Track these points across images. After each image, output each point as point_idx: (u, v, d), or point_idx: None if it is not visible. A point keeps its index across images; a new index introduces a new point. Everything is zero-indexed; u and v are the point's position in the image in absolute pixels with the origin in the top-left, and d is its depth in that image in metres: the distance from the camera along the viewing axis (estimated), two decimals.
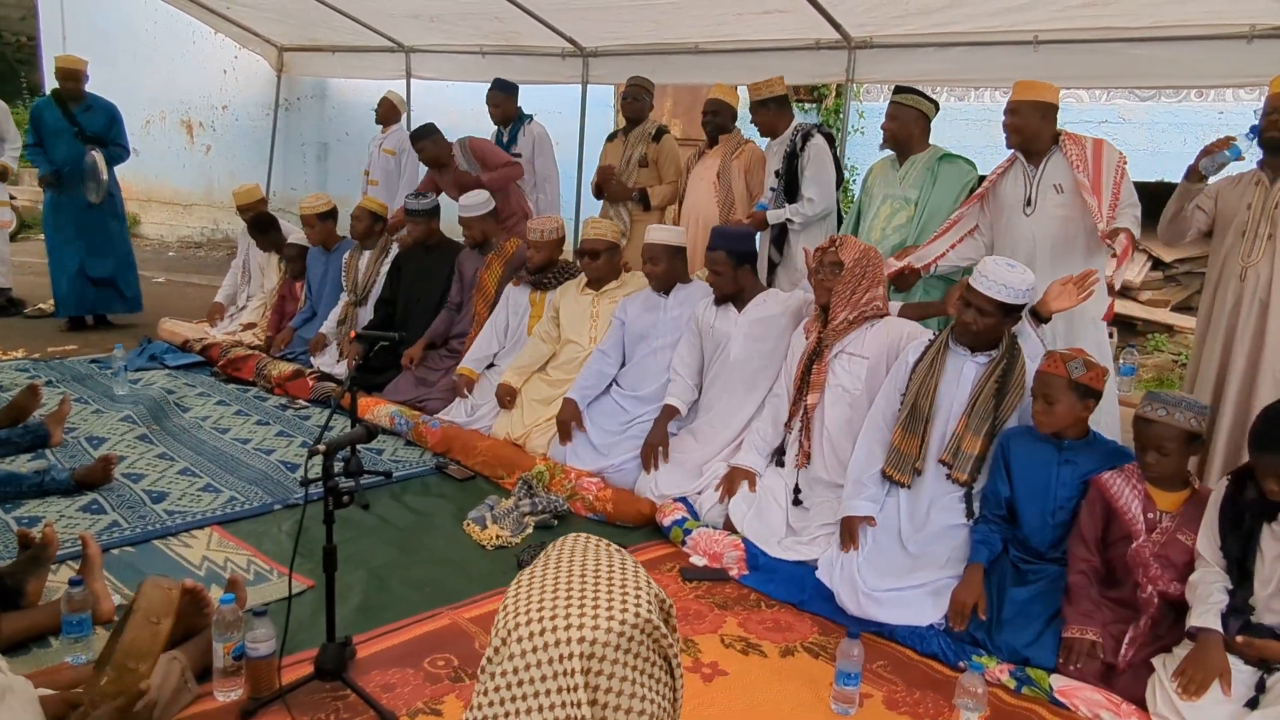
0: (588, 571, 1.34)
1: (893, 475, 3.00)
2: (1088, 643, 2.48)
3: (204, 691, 2.25)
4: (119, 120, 6.22)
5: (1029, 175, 3.50)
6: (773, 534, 3.25)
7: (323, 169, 10.01)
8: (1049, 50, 4.54)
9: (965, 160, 3.99)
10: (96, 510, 3.34)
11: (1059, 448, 2.74)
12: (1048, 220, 3.45)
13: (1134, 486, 2.59)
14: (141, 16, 10.38)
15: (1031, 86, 3.46)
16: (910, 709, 2.40)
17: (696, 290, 3.94)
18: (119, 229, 6.39)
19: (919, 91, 4.07)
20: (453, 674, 2.44)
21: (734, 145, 4.86)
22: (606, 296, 4.21)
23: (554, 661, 1.24)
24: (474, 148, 5.48)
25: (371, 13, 6.87)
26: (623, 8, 5.52)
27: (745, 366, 3.63)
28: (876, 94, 8.41)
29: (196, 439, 4.20)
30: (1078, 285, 2.98)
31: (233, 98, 10.41)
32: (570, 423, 3.89)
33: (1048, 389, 2.69)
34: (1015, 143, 3.49)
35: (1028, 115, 3.42)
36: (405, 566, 3.08)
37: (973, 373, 2.94)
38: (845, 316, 3.27)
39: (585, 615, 1.26)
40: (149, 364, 5.42)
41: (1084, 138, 3.45)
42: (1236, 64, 4.06)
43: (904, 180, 4.01)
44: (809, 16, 4.96)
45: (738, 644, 2.67)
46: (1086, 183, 3.30)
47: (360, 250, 5.39)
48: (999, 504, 2.82)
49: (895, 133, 3.99)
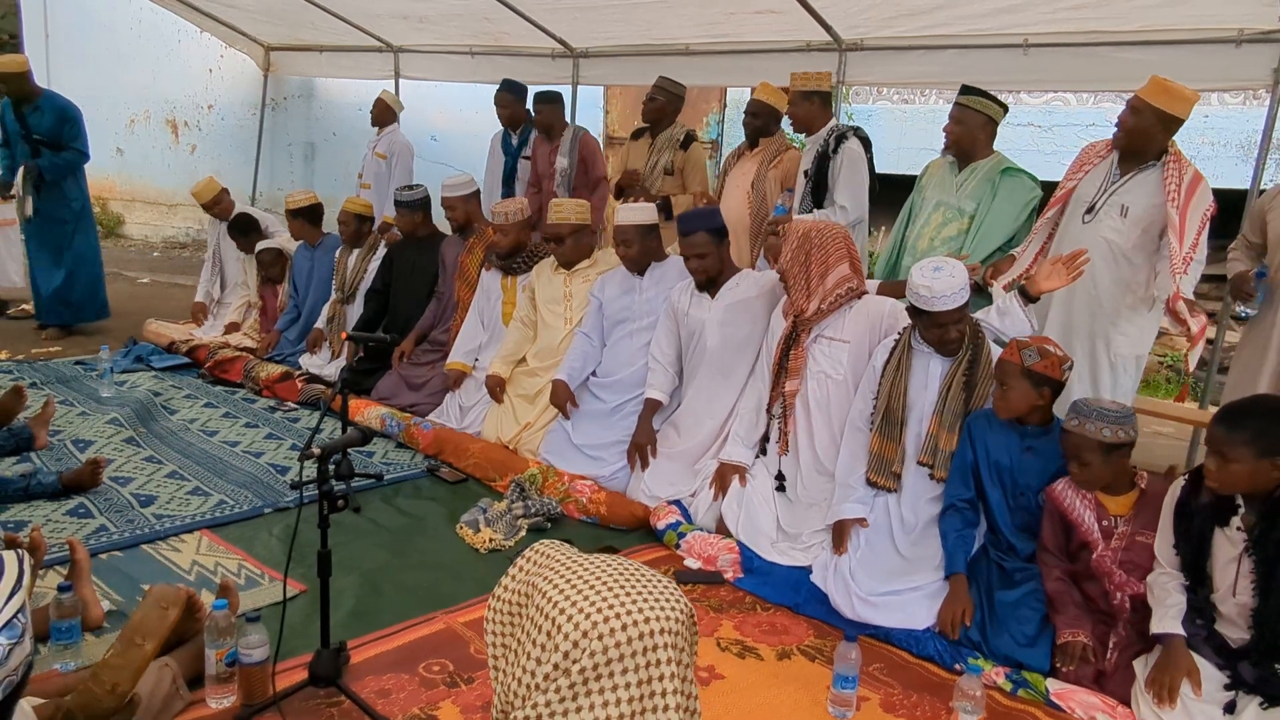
0: (613, 572, 1.36)
1: (876, 480, 2.99)
2: (1080, 645, 2.49)
3: (196, 699, 2.22)
4: (72, 120, 5.78)
5: (1109, 181, 3.20)
6: (764, 535, 3.25)
7: (309, 169, 9.95)
8: (1038, 53, 4.57)
9: (1029, 175, 3.62)
10: (84, 514, 3.30)
11: (1021, 435, 2.75)
12: (1098, 238, 3.18)
13: (1084, 496, 2.60)
14: (125, 14, 10.29)
15: (1166, 90, 3.03)
16: (908, 711, 2.40)
17: (672, 267, 3.86)
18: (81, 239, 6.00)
19: (986, 93, 3.67)
20: (448, 679, 2.42)
21: (773, 152, 4.63)
22: (579, 275, 4.15)
23: (646, 651, 1.28)
24: (585, 143, 5.54)
25: (359, 13, 6.83)
26: (613, 8, 5.51)
27: (721, 354, 3.58)
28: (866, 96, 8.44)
29: (185, 442, 4.16)
30: (1067, 265, 2.92)
31: (218, 97, 10.33)
32: (566, 401, 3.89)
33: (1003, 375, 2.71)
34: (1122, 143, 3.16)
35: (1148, 119, 3.05)
36: (398, 570, 3.06)
37: (940, 369, 2.94)
38: (816, 306, 3.21)
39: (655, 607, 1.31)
40: (135, 366, 5.37)
41: (1188, 163, 3.07)
42: (1224, 68, 4.09)
43: (961, 189, 3.68)
44: (800, 18, 4.96)
45: (734, 647, 2.66)
46: (1176, 221, 2.96)
47: (349, 249, 5.36)
48: (966, 482, 2.82)
49: (959, 137, 3.65)
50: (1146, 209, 3.13)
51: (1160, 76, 3.11)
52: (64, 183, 5.88)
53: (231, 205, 6.03)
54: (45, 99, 5.78)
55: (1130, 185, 3.18)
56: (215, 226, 6.09)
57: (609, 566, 1.38)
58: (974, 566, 2.79)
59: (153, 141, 10.93)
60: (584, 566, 1.37)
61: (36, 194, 5.73)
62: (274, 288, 5.76)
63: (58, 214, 5.89)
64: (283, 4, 6.88)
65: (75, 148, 5.83)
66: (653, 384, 3.76)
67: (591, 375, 4.02)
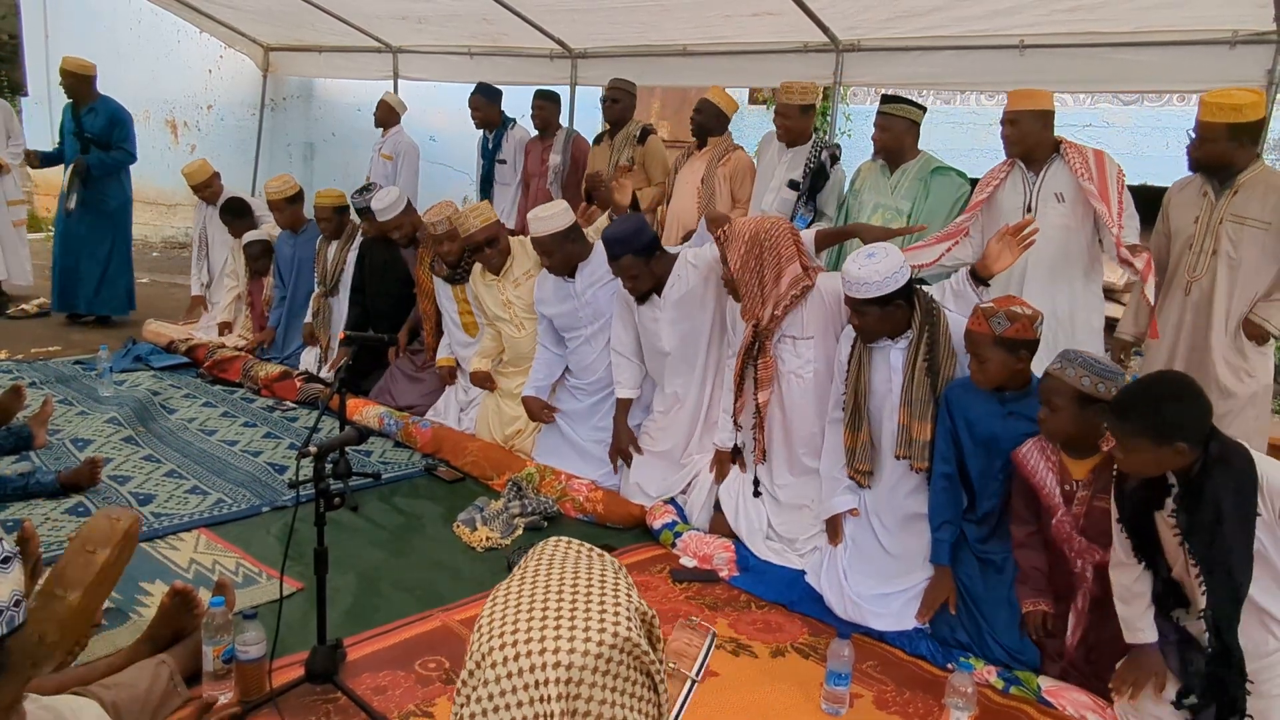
0: (565, 586, 1.31)
1: (857, 478, 2.97)
2: (1039, 614, 2.51)
3: (193, 695, 2.23)
4: (122, 122, 6.18)
5: (1029, 182, 3.45)
6: (757, 531, 3.26)
7: (309, 169, 9.96)
8: (1034, 54, 4.58)
9: (957, 172, 3.96)
10: (82, 513, 3.31)
11: (1001, 401, 2.66)
12: (1047, 228, 3.35)
13: (1048, 458, 2.52)
14: (125, 15, 10.29)
15: (1029, 95, 3.41)
16: (900, 709, 2.42)
17: (599, 261, 3.70)
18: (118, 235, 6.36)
19: (905, 99, 4.01)
20: (444, 676, 2.44)
21: (722, 150, 4.78)
22: (509, 279, 4.11)
23: (530, 687, 1.21)
24: (577, 143, 5.63)
25: (358, 13, 6.85)
26: (611, 9, 5.53)
27: (680, 350, 3.53)
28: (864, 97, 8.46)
29: (183, 441, 4.18)
30: (1014, 236, 2.88)
31: (218, 97, 10.34)
32: (540, 412, 3.90)
33: (975, 346, 2.62)
34: (1017, 152, 3.44)
35: (1028, 124, 3.38)
36: (395, 569, 3.08)
37: (899, 359, 2.85)
38: (770, 312, 3.09)
39: (561, 637, 1.23)
40: (134, 365, 5.39)
41: (1084, 147, 3.40)
42: (1219, 69, 4.09)
43: (896, 190, 3.96)
44: (797, 19, 4.98)
45: (728, 645, 2.68)
46: (1094, 190, 3.26)
47: (328, 240, 5.28)
48: (948, 457, 2.75)
49: (887, 144, 3.95)
50: (1075, 190, 3.37)
51: (1014, 87, 3.56)
52: (107, 181, 6.21)
53: (221, 189, 6.05)
54: (100, 102, 6.16)
55: (1049, 178, 3.43)
56: (202, 211, 6.12)
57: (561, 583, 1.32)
58: (955, 567, 2.78)
59: (152, 141, 10.91)
60: (538, 578, 1.34)
61: (84, 188, 6.07)
62: (260, 281, 5.76)
63: (99, 209, 6.22)
64: (282, 4, 6.89)
65: (125, 148, 6.22)
66: (620, 381, 3.71)
67: (568, 372, 4.01)
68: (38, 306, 6.62)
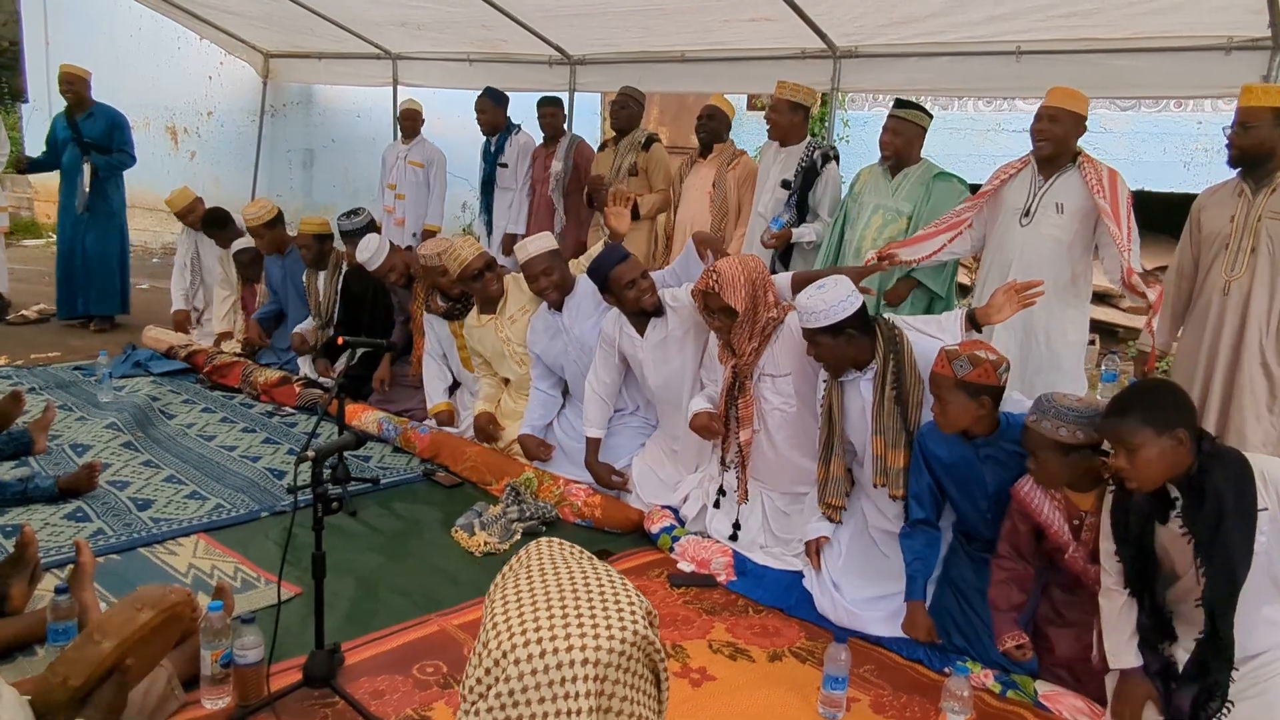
0: (577, 584, 1.33)
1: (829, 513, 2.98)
2: (1015, 649, 2.48)
3: (191, 699, 2.24)
4: (121, 127, 6.35)
5: (1035, 186, 3.44)
6: (754, 543, 3.27)
7: (308, 175, 9.98)
8: (1031, 60, 4.59)
9: (958, 179, 3.99)
10: (81, 518, 3.32)
11: (973, 447, 2.62)
12: (1040, 237, 3.40)
13: (1051, 495, 2.49)
14: (126, 22, 10.34)
15: (1072, 95, 3.33)
16: (897, 713, 2.42)
17: (584, 294, 3.77)
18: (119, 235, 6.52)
19: (918, 105, 4.03)
20: (442, 680, 2.44)
21: (729, 156, 4.80)
22: (504, 317, 4.05)
23: (557, 684, 1.22)
24: (581, 150, 5.63)
25: (358, 20, 6.87)
26: (610, 16, 5.55)
27: (665, 389, 3.60)
28: (861, 103, 8.49)
29: (182, 446, 4.18)
30: (1019, 292, 2.86)
31: (218, 104, 10.37)
32: (538, 450, 3.90)
33: (937, 389, 2.57)
34: (1046, 151, 3.38)
35: (1068, 123, 3.32)
36: (393, 574, 3.08)
37: (868, 390, 2.86)
38: (752, 347, 3.13)
39: (587, 634, 1.24)
40: (133, 371, 5.39)
41: (1100, 163, 3.37)
42: (1215, 74, 4.12)
43: (897, 192, 3.99)
44: (795, 26, 4.99)
45: (726, 649, 2.68)
46: (1108, 208, 3.21)
47: (315, 272, 5.20)
48: (925, 504, 2.73)
49: (898, 148, 3.98)
50: (1079, 204, 3.36)
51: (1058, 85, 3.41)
52: (109, 183, 6.40)
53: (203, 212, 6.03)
54: (98, 107, 6.32)
55: (1057, 186, 3.41)
56: (189, 237, 6.11)
57: (571, 579, 1.34)
58: (949, 570, 2.78)
59: (152, 148, 10.95)
60: (545, 575, 1.35)
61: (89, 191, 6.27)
62: (252, 288, 5.77)
63: (104, 211, 6.40)
64: (282, 11, 6.91)
65: (126, 151, 6.40)
66: (590, 420, 3.73)
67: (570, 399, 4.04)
68: (38, 312, 6.63)
